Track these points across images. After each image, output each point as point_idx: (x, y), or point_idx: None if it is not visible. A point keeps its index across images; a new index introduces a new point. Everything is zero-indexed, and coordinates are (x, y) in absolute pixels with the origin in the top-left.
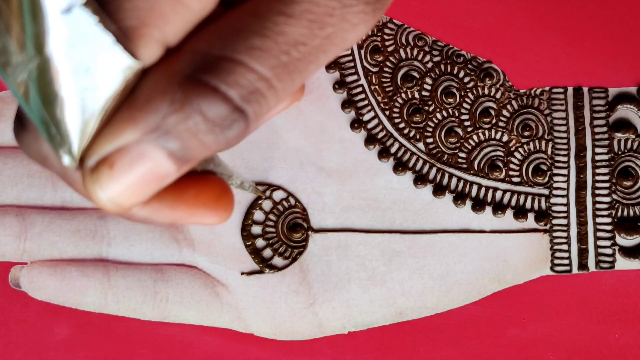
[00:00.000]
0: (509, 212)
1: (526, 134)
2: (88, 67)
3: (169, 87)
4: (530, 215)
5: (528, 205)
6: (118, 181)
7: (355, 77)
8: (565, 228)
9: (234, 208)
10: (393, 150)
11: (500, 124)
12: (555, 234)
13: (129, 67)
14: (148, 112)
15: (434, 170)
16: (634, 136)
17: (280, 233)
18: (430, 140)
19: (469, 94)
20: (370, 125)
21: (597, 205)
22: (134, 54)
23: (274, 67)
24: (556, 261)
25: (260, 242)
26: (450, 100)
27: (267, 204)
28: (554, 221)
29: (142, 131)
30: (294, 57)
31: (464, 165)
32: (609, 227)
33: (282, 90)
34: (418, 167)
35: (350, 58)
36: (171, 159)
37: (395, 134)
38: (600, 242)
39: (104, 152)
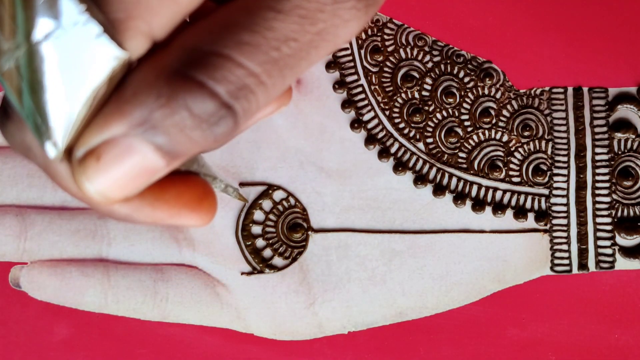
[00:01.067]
0: (509, 212)
1: (526, 134)
2: (74, 56)
3: (156, 81)
4: (530, 215)
5: (528, 205)
6: (105, 174)
7: (355, 77)
8: (565, 228)
9: (216, 210)
10: (393, 150)
11: (500, 124)
12: (555, 234)
13: (115, 57)
14: (135, 106)
15: (434, 170)
16: (634, 136)
17: (280, 233)
18: (430, 140)
19: (469, 94)
20: (370, 125)
21: (597, 205)
22: (121, 45)
23: (263, 63)
24: (556, 261)
25: (260, 242)
26: (450, 100)
27: (267, 204)
28: (554, 221)
29: (129, 125)
30: (284, 53)
31: (464, 165)
32: (609, 227)
33: (272, 86)
34: (418, 167)
35: (350, 58)
36: (159, 153)
37: (395, 134)
38: (600, 242)
39: (91, 144)
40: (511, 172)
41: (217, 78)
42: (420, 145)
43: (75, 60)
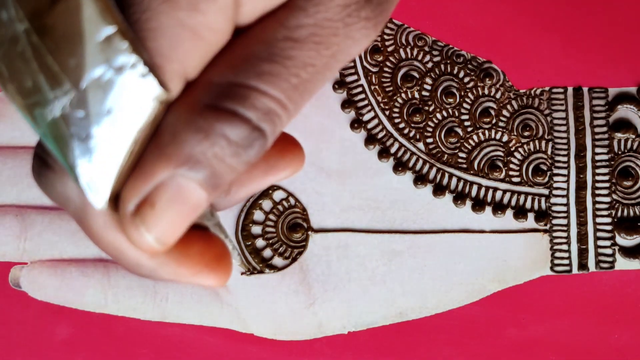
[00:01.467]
0: (509, 212)
1: (526, 134)
2: (121, 98)
3: (191, 117)
4: (530, 215)
5: (528, 205)
6: (163, 220)
7: (355, 77)
8: (565, 228)
9: (231, 272)
10: (393, 150)
11: (500, 124)
12: (555, 234)
13: (158, 96)
14: (177, 146)
15: (434, 170)
16: (634, 136)
17: (280, 233)
18: (430, 140)
19: (469, 94)
20: (370, 125)
21: (597, 205)
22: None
23: (285, 90)
24: (556, 261)
25: (260, 242)
26: (450, 100)
27: (267, 204)
28: (554, 221)
29: (175, 165)
30: (303, 78)
31: (464, 165)
32: (609, 227)
33: (294, 109)
34: (418, 167)
35: None
36: (203, 187)
37: (395, 134)
38: (600, 242)
39: (143, 194)
40: (511, 172)
41: (246, 105)
42: (420, 145)
43: (121, 103)
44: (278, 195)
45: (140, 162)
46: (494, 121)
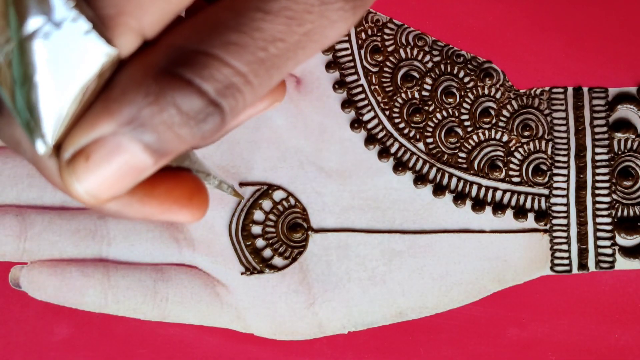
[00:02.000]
0: (509, 212)
1: (526, 134)
2: (64, 52)
3: (144, 79)
4: (530, 215)
5: (528, 205)
6: (94, 173)
7: (355, 77)
8: (565, 228)
9: (208, 207)
10: (393, 150)
11: (500, 124)
12: (555, 234)
13: (105, 54)
14: (123, 104)
15: (434, 170)
16: (634, 136)
17: (280, 233)
18: (430, 140)
19: (469, 94)
20: (370, 125)
21: (597, 205)
22: (111, 42)
23: (250, 63)
24: (556, 261)
25: (260, 242)
26: (450, 100)
27: (267, 204)
28: (554, 221)
29: (118, 123)
30: (271, 53)
31: (464, 165)
32: (609, 227)
33: (259, 85)
34: (418, 167)
35: (350, 58)
36: (147, 151)
37: (395, 134)
38: (600, 242)
39: (80, 144)
40: (511, 172)
41: (205, 76)
42: (420, 145)
43: (64, 56)
44: (278, 195)
45: (86, 114)
46: (494, 121)
